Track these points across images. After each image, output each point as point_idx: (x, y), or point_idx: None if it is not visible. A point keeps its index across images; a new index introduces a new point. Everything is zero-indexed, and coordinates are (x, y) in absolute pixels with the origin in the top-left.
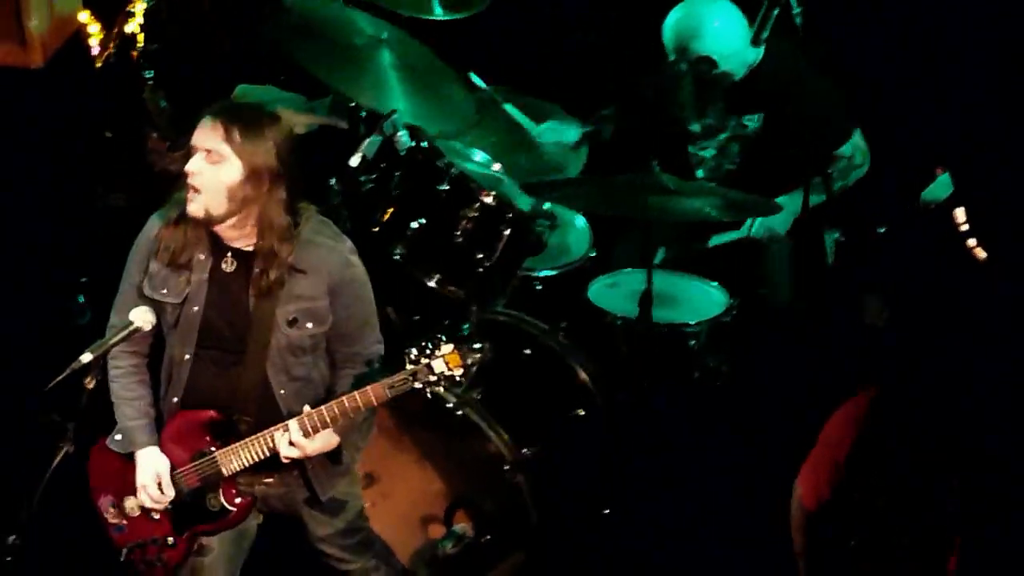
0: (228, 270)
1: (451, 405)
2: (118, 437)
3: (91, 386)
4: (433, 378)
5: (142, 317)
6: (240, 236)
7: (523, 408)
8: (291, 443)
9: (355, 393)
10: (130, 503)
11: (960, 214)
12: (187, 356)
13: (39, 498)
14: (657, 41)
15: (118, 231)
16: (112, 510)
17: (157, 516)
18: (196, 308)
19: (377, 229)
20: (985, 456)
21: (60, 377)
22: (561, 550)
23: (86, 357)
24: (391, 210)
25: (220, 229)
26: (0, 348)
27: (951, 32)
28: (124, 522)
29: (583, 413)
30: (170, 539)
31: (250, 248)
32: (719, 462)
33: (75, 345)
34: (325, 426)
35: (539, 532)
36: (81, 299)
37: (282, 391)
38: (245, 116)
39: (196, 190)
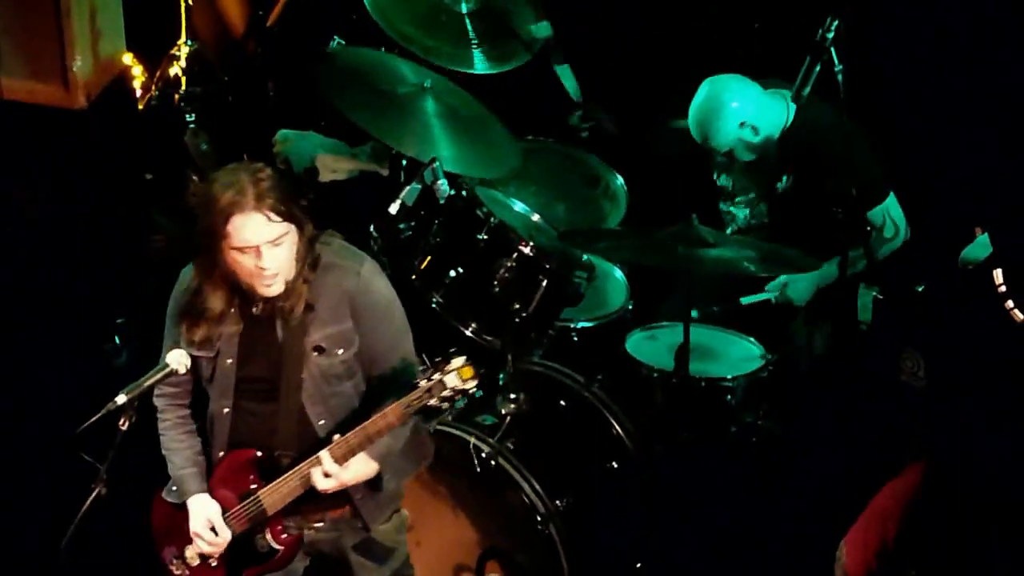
0: (257, 314)
1: (485, 455)
2: (173, 488)
3: (125, 427)
4: (448, 392)
5: (177, 360)
6: None
7: (557, 459)
8: (325, 474)
9: (374, 416)
10: (190, 552)
11: (999, 275)
12: (226, 410)
13: (70, 540)
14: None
15: (157, 273)
16: (176, 561)
17: (215, 563)
18: (230, 361)
19: (415, 277)
20: None
21: (94, 418)
22: None
23: (121, 399)
24: (429, 258)
25: None
26: (36, 388)
27: (995, 94)
28: (187, 572)
29: (617, 466)
30: None
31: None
32: (753, 518)
33: (111, 386)
34: (354, 453)
35: None
36: (117, 340)
37: (321, 422)
38: (270, 187)
39: (273, 276)
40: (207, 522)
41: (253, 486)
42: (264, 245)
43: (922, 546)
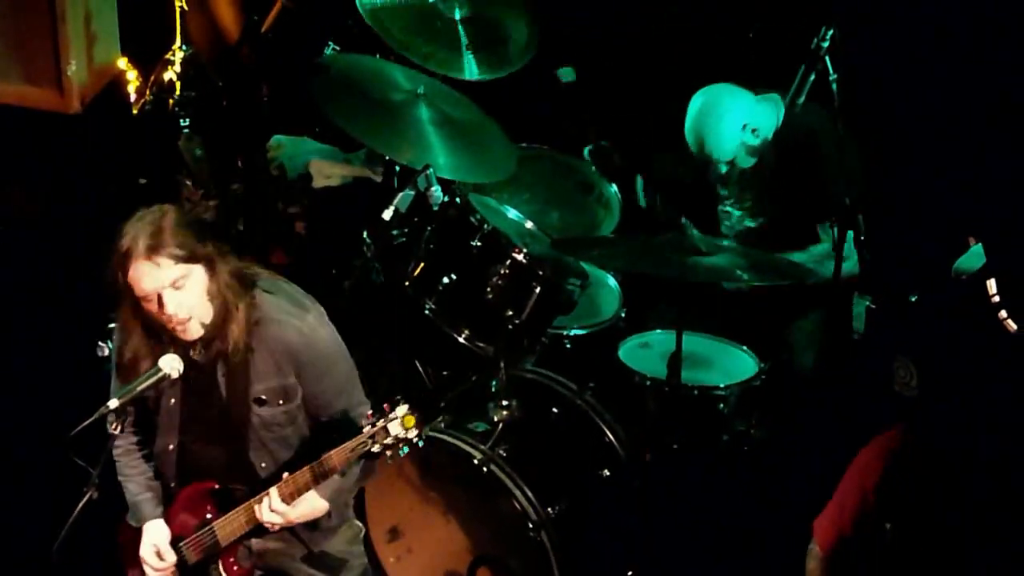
0: (197, 358)
1: (477, 462)
2: (131, 512)
3: (117, 431)
4: (390, 440)
5: (170, 364)
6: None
7: (550, 467)
8: (272, 510)
9: (321, 459)
10: None
11: (992, 285)
12: (171, 446)
13: (62, 543)
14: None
15: None
16: None
17: None
18: (173, 400)
19: (408, 283)
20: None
21: (86, 422)
22: None
23: (113, 403)
24: (422, 264)
25: None
26: (29, 391)
27: (988, 102)
28: None
29: (609, 474)
30: None
31: (212, 336)
32: (745, 526)
33: (103, 390)
34: (301, 493)
35: None
36: (109, 344)
37: (263, 465)
38: (160, 233)
39: (186, 319)
40: (153, 547)
41: (208, 516)
42: (165, 291)
43: (899, 501)
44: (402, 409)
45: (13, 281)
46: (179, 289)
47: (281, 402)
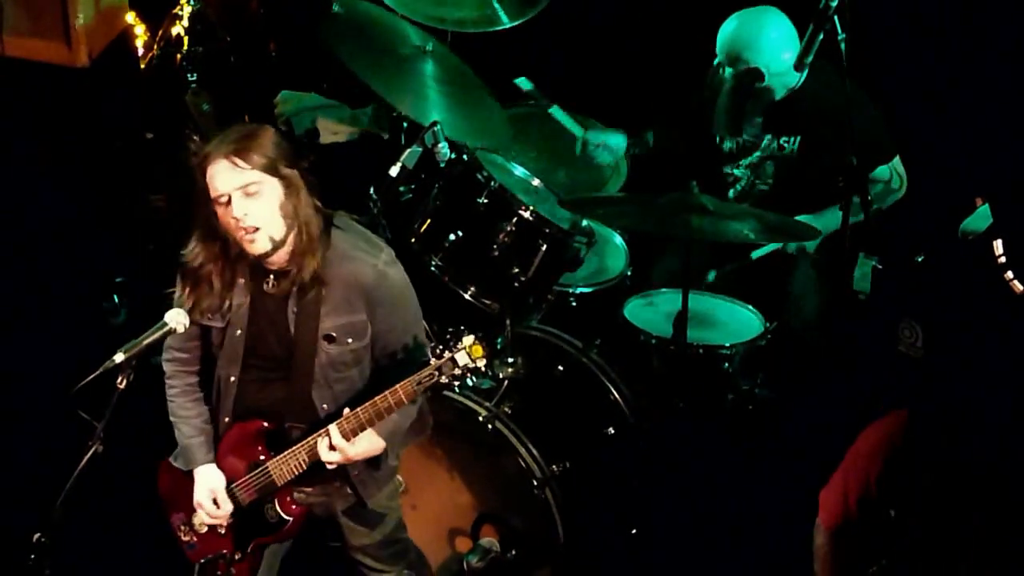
0: (269, 291)
1: (482, 419)
2: (179, 453)
3: (123, 386)
4: (458, 371)
5: (175, 319)
6: (276, 257)
7: (554, 424)
8: (331, 447)
9: (386, 393)
10: (198, 520)
11: (999, 246)
12: (232, 378)
13: (66, 497)
14: (699, 54)
15: (156, 232)
16: (184, 528)
17: (223, 531)
18: (239, 331)
19: (414, 240)
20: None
21: (91, 376)
22: (587, 568)
23: (119, 357)
24: (429, 221)
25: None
26: (35, 346)
27: (996, 63)
28: (195, 539)
29: (614, 432)
30: (237, 554)
31: (289, 267)
32: (748, 485)
33: (109, 344)
34: (363, 429)
35: (566, 549)
36: (116, 299)
37: (324, 405)
38: (249, 139)
39: (254, 230)
40: (210, 493)
41: (261, 457)
42: (235, 193)
43: (903, 487)
44: (469, 339)
45: (16, 235)
46: (251, 196)
47: (350, 340)
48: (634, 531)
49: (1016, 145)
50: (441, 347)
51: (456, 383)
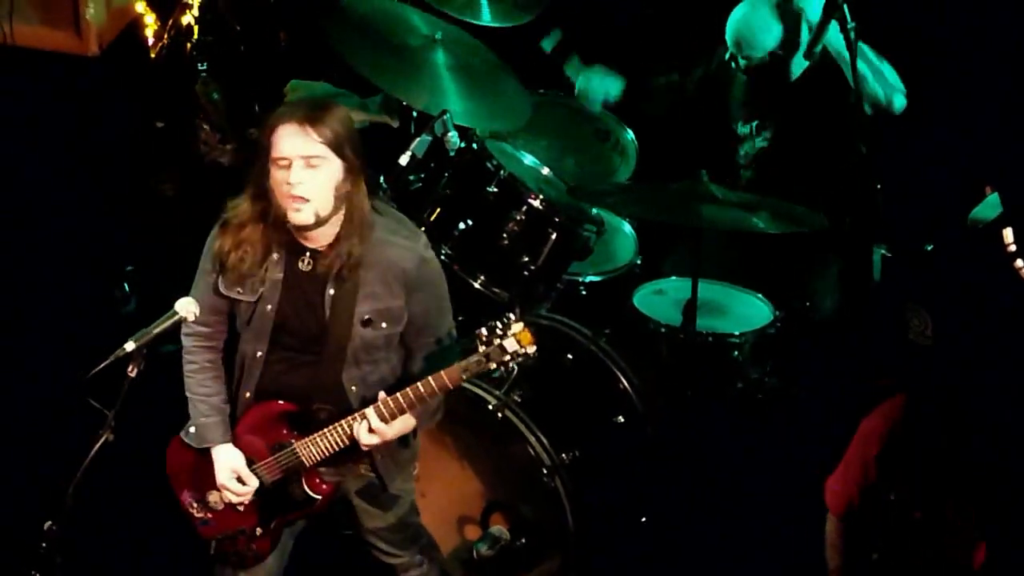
0: (304, 270)
1: (492, 407)
2: (192, 431)
3: (133, 374)
4: (507, 357)
5: (185, 307)
6: (318, 235)
7: (564, 413)
8: (371, 430)
9: (430, 378)
10: (214, 497)
11: (1008, 235)
12: (259, 353)
13: (77, 486)
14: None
15: (166, 220)
16: (196, 504)
17: (243, 508)
18: (270, 307)
19: (424, 228)
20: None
21: (103, 365)
22: (597, 557)
23: (129, 345)
24: (439, 210)
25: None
26: (45, 335)
27: (1006, 53)
28: (209, 516)
29: (623, 420)
30: (258, 530)
31: (325, 247)
32: (758, 473)
33: (119, 333)
34: (402, 412)
35: (575, 538)
36: (126, 287)
37: (353, 387)
38: (326, 112)
39: (303, 199)
40: (233, 472)
41: (290, 440)
42: (297, 159)
43: (902, 470)
44: (518, 326)
45: (26, 223)
46: (311, 168)
47: (385, 324)
48: (644, 519)
49: None
50: (488, 333)
51: (502, 369)
